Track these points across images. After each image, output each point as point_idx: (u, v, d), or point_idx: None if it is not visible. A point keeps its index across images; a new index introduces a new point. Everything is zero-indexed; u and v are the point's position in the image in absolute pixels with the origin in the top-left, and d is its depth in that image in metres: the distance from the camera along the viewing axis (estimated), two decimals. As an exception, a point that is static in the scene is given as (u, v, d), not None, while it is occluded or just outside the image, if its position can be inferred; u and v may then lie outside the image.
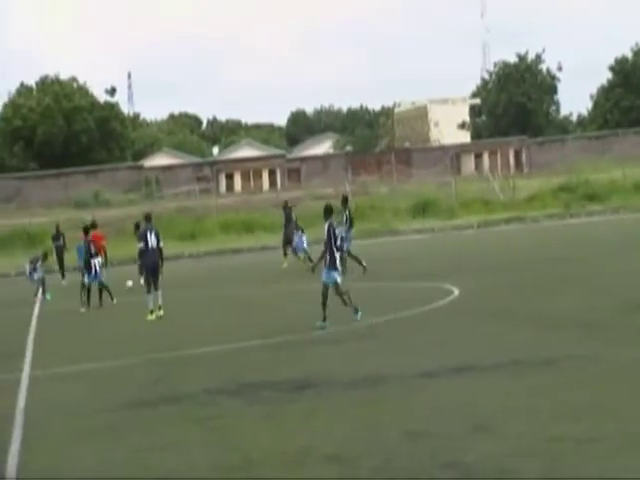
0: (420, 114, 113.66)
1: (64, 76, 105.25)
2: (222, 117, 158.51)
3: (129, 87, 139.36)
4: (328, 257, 19.45)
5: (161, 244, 24.20)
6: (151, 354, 18.14)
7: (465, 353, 15.14)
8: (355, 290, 25.95)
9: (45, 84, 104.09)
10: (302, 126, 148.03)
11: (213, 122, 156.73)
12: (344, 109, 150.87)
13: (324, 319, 19.24)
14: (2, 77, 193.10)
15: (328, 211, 19.94)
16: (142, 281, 27.19)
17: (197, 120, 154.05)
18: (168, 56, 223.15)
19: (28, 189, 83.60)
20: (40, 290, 32.77)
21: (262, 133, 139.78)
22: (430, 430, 10.55)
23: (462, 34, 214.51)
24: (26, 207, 70.99)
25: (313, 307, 23.36)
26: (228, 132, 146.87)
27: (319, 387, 13.49)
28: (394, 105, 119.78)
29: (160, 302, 23.73)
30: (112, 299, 28.22)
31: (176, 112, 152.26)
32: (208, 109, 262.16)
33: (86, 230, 29.16)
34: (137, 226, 30.26)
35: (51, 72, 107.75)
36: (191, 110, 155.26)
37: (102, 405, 13.68)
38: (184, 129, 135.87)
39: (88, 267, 27.73)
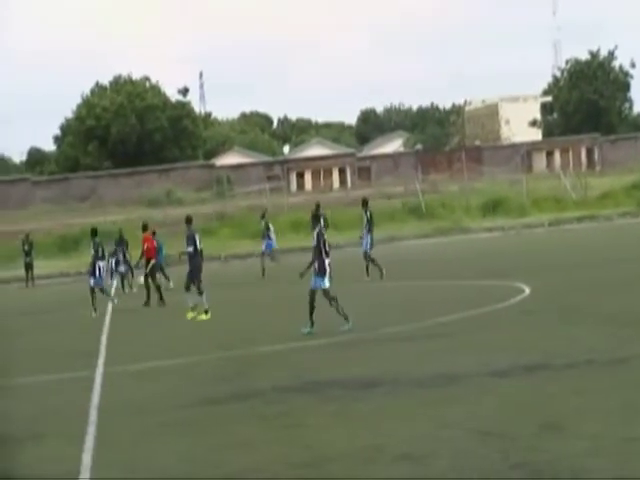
0: (491, 112, 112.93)
1: (137, 76, 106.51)
2: (293, 116, 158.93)
3: (201, 87, 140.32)
4: (317, 263, 19.38)
5: (201, 246, 24.59)
6: (221, 352, 18.27)
7: (536, 352, 15.04)
8: (427, 288, 25.96)
9: (118, 84, 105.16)
10: (372, 124, 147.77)
11: (284, 121, 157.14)
12: (414, 107, 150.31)
13: (312, 325, 19.27)
14: (76, 77, 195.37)
15: (316, 218, 19.98)
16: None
17: (268, 119, 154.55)
18: (240, 55, 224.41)
19: (102, 188, 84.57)
20: (119, 284, 33.22)
21: (332, 132, 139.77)
22: (501, 429, 10.50)
23: (533, 31, 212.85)
24: (100, 206, 71.83)
25: (382, 305, 23.42)
26: (298, 131, 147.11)
27: (388, 385, 13.49)
28: (465, 103, 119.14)
29: (206, 305, 23.95)
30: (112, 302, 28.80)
31: (247, 111, 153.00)
32: (279, 108, 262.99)
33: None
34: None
35: (124, 72, 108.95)
36: (262, 109, 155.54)
37: (174, 402, 13.81)
38: (255, 128, 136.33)
39: (93, 270, 27.94)
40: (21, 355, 20.88)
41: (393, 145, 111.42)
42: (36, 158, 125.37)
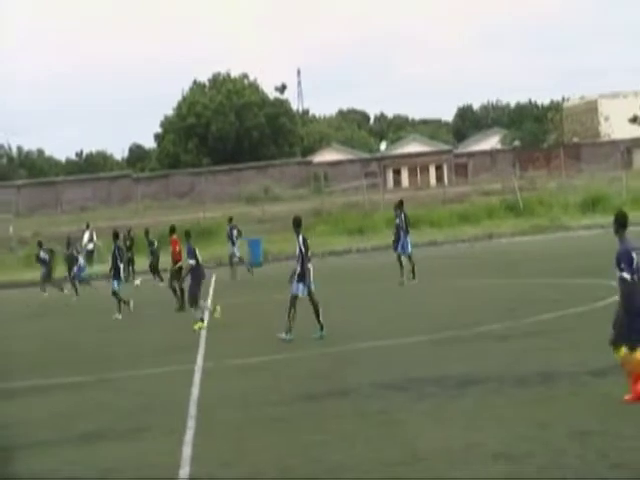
0: (589, 108, 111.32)
1: (235, 73, 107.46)
2: (389, 113, 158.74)
3: (298, 84, 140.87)
4: (299, 269, 19.51)
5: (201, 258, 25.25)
6: (319, 348, 18.39)
7: (636, 352, 14.85)
8: (523, 286, 25.77)
9: (217, 81, 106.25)
10: (469, 121, 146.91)
11: (381, 118, 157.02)
12: (512, 104, 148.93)
13: (289, 330, 19.41)
14: (176, 75, 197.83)
15: (298, 223, 20.06)
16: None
17: (365, 116, 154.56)
18: (337, 53, 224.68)
19: (201, 184, 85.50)
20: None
21: (429, 128, 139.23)
22: (600, 429, 10.44)
23: (633, 27, 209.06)
24: (199, 202, 72.61)
25: (478, 303, 23.32)
26: (395, 128, 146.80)
27: (486, 384, 13.48)
28: (563, 100, 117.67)
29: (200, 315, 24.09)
30: (127, 305, 28.75)
31: (344, 108, 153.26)
32: (376, 105, 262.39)
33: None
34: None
35: (223, 70, 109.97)
36: (359, 106, 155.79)
37: (272, 397, 13.97)
38: (352, 125, 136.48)
39: (117, 273, 28.17)
40: (122, 349, 21.29)
41: (490, 142, 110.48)
42: (137, 155, 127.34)
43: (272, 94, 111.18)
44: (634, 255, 11.75)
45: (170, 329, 24.26)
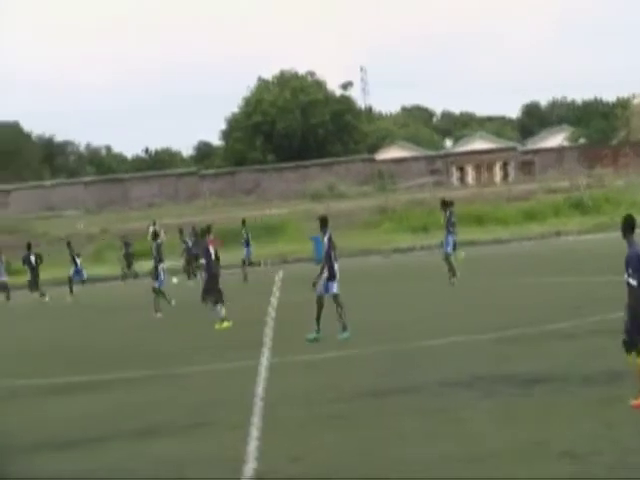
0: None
1: (301, 71, 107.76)
2: (455, 110, 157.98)
3: (363, 81, 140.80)
4: (327, 269, 19.51)
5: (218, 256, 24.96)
6: (384, 345, 18.39)
7: None
8: (590, 284, 25.55)
9: (283, 79, 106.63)
10: (536, 118, 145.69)
11: (446, 115, 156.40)
12: (578, 101, 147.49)
13: (318, 330, 19.47)
14: (242, 73, 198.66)
15: (325, 222, 20.13)
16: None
17: (430, 113, 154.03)
18: (402, 49, 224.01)
19: (267, 181, 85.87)
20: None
21: (494, 126, 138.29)
22: (668, 429, 10.35)
23: None
24: (265, 199, 72.98)
25: (544, 301, 23.17)
26: (461, 125, 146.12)
27: (552, 382, 13.40)
28: (631, 97, 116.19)
29: (222, 314, 24.05)
30: (169, 302, 29.10)
31: (409, 105, 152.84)
32: (441, 102, 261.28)
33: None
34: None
35: (288, 67, 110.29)
36: (424, 103, 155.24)
37: (336, 394, 14.00)
38: (417, 122, 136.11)
39: (157, 272, 28.37)
40: (186, 345, 21.45)
41: (557, 139, 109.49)
42: (204, 152, 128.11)
43: (337, 91, 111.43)
44: None
45: (238, 323, 24.37)
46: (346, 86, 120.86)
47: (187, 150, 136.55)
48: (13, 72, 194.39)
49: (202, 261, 25.19)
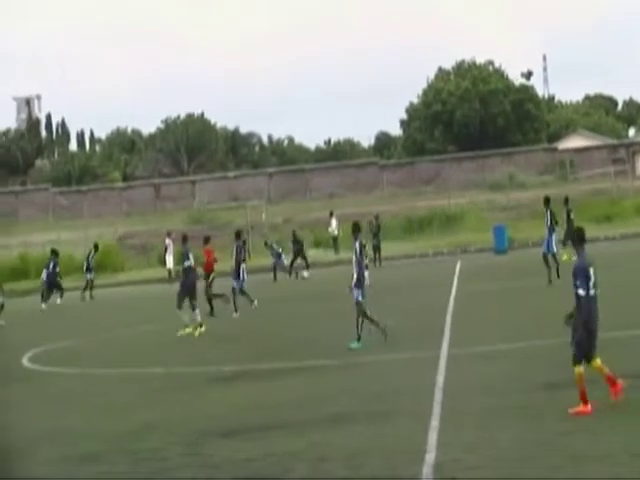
0: None
1: (480, 60, 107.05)
2: (638, 98, 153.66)
3: (544, 70, 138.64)
4: (356, 275, 19.44)
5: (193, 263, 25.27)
6: (564, 337, 18.24)
7: None
8: None
9: (462, 68, 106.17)
10: None
11: (629, 103, 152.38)
12: None
13: (384, 331, 19.34)
14: (421, 62, 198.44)
15: (357, 229, 20.03)
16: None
17: (612, 101, 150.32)
18: (583, 37, 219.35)
19: (446, 171, 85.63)
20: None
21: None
22: None
23: None
24: (444, 189, 72.80)
25: None
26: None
27: None
28: None
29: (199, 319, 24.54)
30: (251, 303, 28.97)
31: (591, 93, 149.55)
32: (624, 90, 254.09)
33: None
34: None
35: (467, 57, 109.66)
36: (607, 91, 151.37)
37: (515, 385, 14.05)
38: (599, 110, 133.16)
39: (237, 272, 28.34)
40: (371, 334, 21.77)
41: None
42: (383, 142, 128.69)
43: (517, 80, 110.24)
44: (591, 271, 11.89)
45: (418, 314, 24.56)
46: (527, 75, 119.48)
47: (368, 140, 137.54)
48: (202, 65, 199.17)
49: (187, 263, 25.31)
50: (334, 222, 51.71)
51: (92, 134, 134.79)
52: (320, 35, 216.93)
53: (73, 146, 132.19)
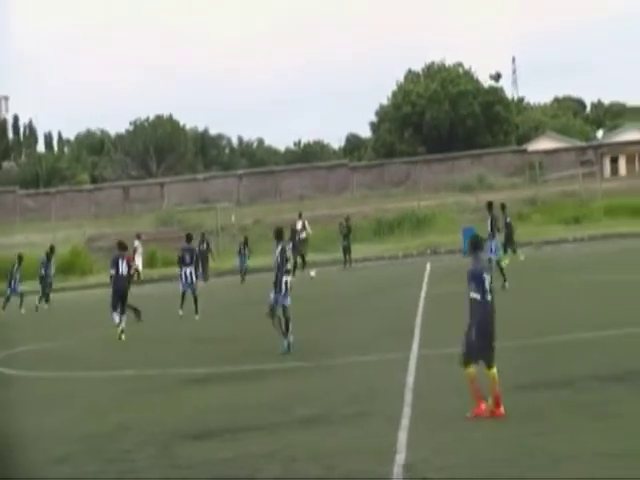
0: None
1: (450, 62, 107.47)
2: (606, 100, 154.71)
3: (513, 72, 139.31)
4: (274, 279, 19.69)
5: (131, 271, 26.04)
6: (534, 339, 18.37)
7: None
8: None
9: (431, 70, 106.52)
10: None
11: (597, 105, 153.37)
12: None
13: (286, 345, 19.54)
14: (390, 65, 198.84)
15: (279, 234, 20.40)
16: None
17: (581, 103, 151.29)
18: (552, 40, 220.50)
19: (416, 173, 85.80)
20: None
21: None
22: None
23: None
24: (414, 191, 72.93)
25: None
26: (612, 115, 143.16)
27: None
28: None
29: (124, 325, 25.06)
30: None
31: (560, 95, 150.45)
32: (593, 92, 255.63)
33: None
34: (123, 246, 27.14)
35: (437, 58, 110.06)
36: (575, 93, 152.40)
37: (487, 386, 14.11)
38: (568, 112, 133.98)
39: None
40: (336, 337, 21.77)
41: None
42: (353, 144, 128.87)
43: (487, 82, 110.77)
44: (485, 276, 12.20)
45: (387, 315, 24.63)
46: (496, 77, 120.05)
47: (338, 142, 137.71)
48: (172, 66, 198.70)
49: (112, 271, 25.64)
50: (299, 224, 50.99)
51: (60, 136, 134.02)
52: (289, 37, 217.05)
53: (41, 148, 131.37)
